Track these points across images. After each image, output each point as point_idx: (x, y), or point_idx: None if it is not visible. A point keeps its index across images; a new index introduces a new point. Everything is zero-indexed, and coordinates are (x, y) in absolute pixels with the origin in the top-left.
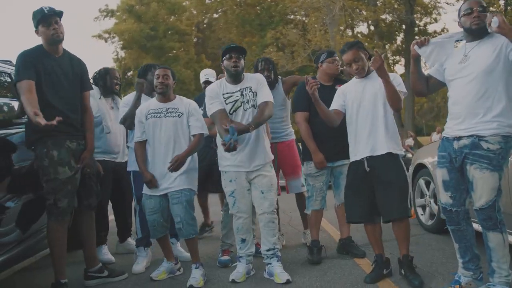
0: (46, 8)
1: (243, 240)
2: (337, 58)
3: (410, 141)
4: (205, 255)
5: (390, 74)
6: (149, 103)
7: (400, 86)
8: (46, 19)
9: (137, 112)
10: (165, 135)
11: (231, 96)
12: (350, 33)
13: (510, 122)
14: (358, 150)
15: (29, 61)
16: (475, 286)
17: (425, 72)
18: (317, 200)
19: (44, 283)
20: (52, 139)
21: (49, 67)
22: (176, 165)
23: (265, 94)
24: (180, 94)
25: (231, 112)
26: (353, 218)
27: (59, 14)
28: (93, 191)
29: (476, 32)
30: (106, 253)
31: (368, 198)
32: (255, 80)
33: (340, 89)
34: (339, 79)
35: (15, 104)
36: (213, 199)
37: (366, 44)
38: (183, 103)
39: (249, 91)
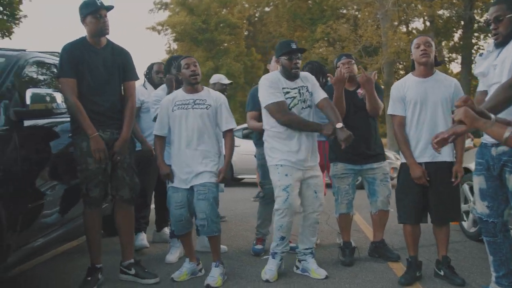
0: (99, 0)
1: (283, 238)
2: (347, 61)
3: (469, 142)
4: (236, 249)
5: None
6: (176, 94)
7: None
8: (98, 11)
9: (163, 104)
10: (191, 127)
11: (289, 92)
12: (404, 29)
13: None
14: (417, 152)
15: (72, 57)
16: None
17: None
18: (342, 203)
19: (83, 267)
20: (83, 131)
21: (91, 59)
22: (221, 178)
23: (322, 92)
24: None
25: (289, 108)
26: (406, 219)
27: (110, 8)
28: (124, 183)
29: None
30: (142, 239)
31: (418, 199)
32: (310, 81)
33: (395, 92)
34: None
35: (56, 95)
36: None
37: None
38: (211, 95)
39: (306, 91)
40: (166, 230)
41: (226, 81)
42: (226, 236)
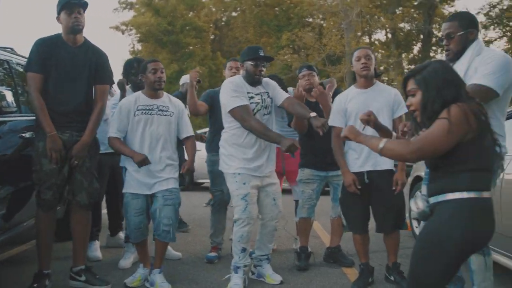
0: None
1: (244, 250)
2: (307, 73)
3: None
4: (193, 254)
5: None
6: (136, 98)
7: None
8: (70, 7)
9: (123, 106)
10: (156, 133)
11: (253, 97)
12: (367, 40)
13: (500, 141)
14: (359, 162)
15: (42, 52)
16: None
17: None
18: (304, 207)
19: (30, 273)
20: (41, 131)
21: (61, 57)
22: (186, 169)
23: (284, 93)
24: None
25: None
26: (353, 229)
27: (84, 4)
28: (82, 187)
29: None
30: (95, 250)
31: (363, 208)
32: (271, 86)
33: (337, 104)
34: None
35: (6, 93)
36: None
37: (383, 51)
38: (171, 102)
39: (267, 97)
40: (121, 234)
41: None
42: (183, 241)
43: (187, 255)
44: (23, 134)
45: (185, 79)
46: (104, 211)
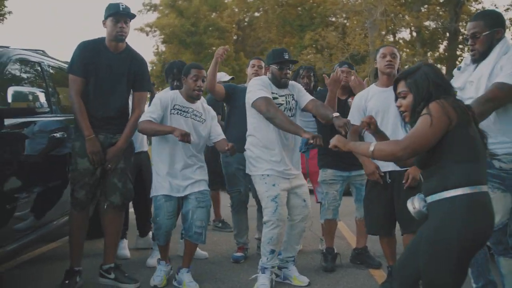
0: (122, 5)
1: (272, 251)
2: (347, 70)
3: None
4: (219, 254)
5: None
6: (174, 97)
7: None
8: (117, 16)
9: (162, 99)
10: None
11: (277, 98)
12: (391, 39)
13: None
14: (382, 162)
15: (84, 56)
16: None
17: None
18: (329, 209)
19: (61, 270)
20: (79, 131)
21: (101, 63)
22: (231, 147)
23: (308, 95)
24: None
25: None
26: (374, 230)
27: (132, 16)
28: (116, 188)
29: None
30: (123, 248)
31: (387, 210)
32: (296, 89)
33: (357, 101)
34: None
35: (39, 94)
36: None
37: (408, 50)
38: (204, 109)
39: (292, 99)
40: (151, 234)
41: (227, 77)
42: (209, 241)
43: (214, 254)
44: (55, 134)
45: (218, 76)
46: (130, 209)
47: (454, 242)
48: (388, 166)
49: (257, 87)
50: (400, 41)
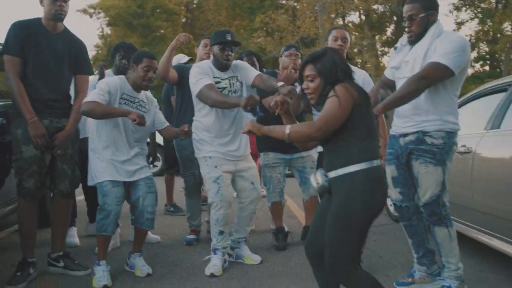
0: None
1: (221, 232)
2: (294, 52)
3: None
4: (172, 237)
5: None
6: (122, 85)
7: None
8: None
9: (110, 84)
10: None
11: (220, 82)
12: (340, 22)
13: (451, 120)
14: None
15: (21, 35)
16: (429, 280)
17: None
18: (275, 192)
19: (11, 261)
20: (20, 117)
21: (40, 43)
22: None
23: (254, 71)
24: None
25: None
26: None
27: None
28: (66, 175)
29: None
30: (73, 236)
31: None
32: (240, 69)
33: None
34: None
35: None
36: None
37: (356, 34)
38: (147, 99)
39: (236, 81)
40: None
41: (185, 59)
42: (161, 225)
43: (166, 238)
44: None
45: (177, 59)
46: (79, 198)
47: (357, 214)
48: None
49: (198, 76)
50: (349, 24)
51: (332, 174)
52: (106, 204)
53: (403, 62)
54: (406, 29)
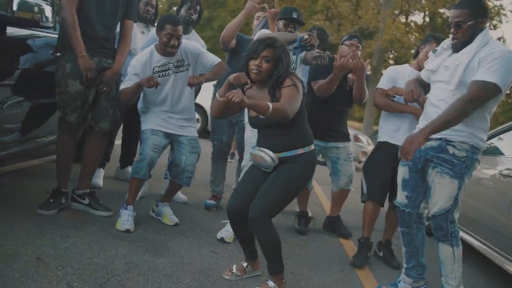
0: None
1: None
2: (356, 43)
3: None
4: (198, 198)
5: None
6: (151, 58)
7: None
8: None
9: (134, 64)
10: (174, 92)
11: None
12: (403, 20)
13: (480, 136)
14: (399, 136)
15: None
16: None
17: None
18: None
19: (46, 188)
20: (71, 51)
21: None
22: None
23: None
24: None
25: None
26: (373, 197)
27: None
28: (107, 115)
29: None
30: (98, 177)
31: (387, 180)
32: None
33: (392, 72)
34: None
35: (45, 8)
36: None
37: (417, 34)
38: (184, 52)
39: (292, 55)
40: (129, 168)
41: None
42: (191, 185)
43: (192, 198)
44: (54, 52)
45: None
46: (117, 142)
47: (300, 186)
48: (400, 141)
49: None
50: (412, 23)
51: (288, 153)
52: (143, 149)
53: (442, 66)
54: (451, 35)
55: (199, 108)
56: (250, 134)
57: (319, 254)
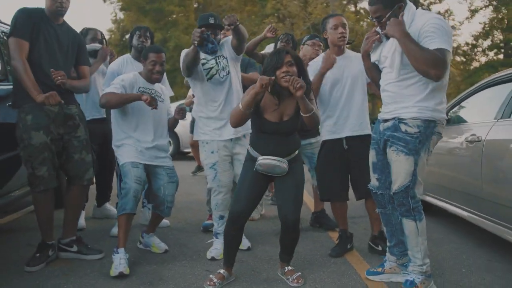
0: None
1: (222, 217)
2: (318, 43)
3: None
4: (182, 221)
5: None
6: (137, 79)
7: None
8: None
9: (124, 79)
10: (155, 117)
11: (206, 63)
12: (352, 9)
13: (434, 107)
14: (338, 128)
15: (28, 20)
16: (399, 270)
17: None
18: None
19: (27, 240)
20: (30, 102)
21: (48, 30)
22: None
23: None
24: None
25: (207, 78)
26: (330, 196)
27: None
28: (86, 164)
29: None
30: (80, 218)
31: (342, 176)
32: (226, 46)
33: (314, 64)
34: None
35: None
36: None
37: (368, 20)
38: (161, 89)
39: (223, 59)
40: (107, 205)
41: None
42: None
43: (177, 221)
44: (12, 107)
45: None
46: None
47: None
48: (343, 132)
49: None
50: (361, 11)
51: (289, 157)
52: (125, 183)
53: (381, 56)
54: (379, 28)
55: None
56: (205, 155)
57: (311, 252)
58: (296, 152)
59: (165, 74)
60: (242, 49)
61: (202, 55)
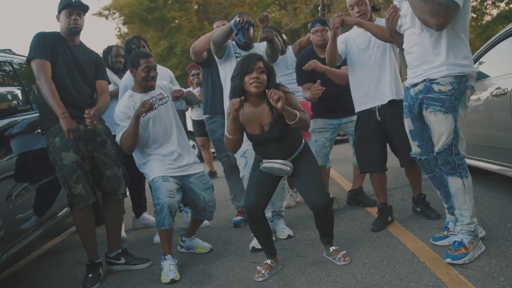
0: None
1: None
2: (321, 28)
3: None
4: (220, 219)
5: None
6: (134, 99)
7: None
8: (70, 8)
9: (121, 110)
10: (166, 123)
11: (240, 57)
12: None
13: (462, 63)
14: (369, 99)
15: (47, 42)
16: None
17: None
18: (319, 156)
19: (76, 259)
20: (54, 124)
21: (65, 52)
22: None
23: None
24: (187, 63)
25: None
26: (370, 168)
27: (85, 8)
28: (119, 178)
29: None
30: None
31: (379, 146)
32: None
33: (342, 37)
34: None
35: (18, 92)
36: None
37: None
38: (161, 87)
39: None
40: (145, 214)
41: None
42: None
43: (215, 220)
44: (41, 132)
45: None
46: None
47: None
48: (375, 101)
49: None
50: None
51: (292, 156)
52: (158, 198)
53: (402, 16)
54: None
55: (192, 135)
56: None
57: (352, 229)
58: (299, 150)
59: (173, 75)
60: (275, 59)
61: (237, 50)
